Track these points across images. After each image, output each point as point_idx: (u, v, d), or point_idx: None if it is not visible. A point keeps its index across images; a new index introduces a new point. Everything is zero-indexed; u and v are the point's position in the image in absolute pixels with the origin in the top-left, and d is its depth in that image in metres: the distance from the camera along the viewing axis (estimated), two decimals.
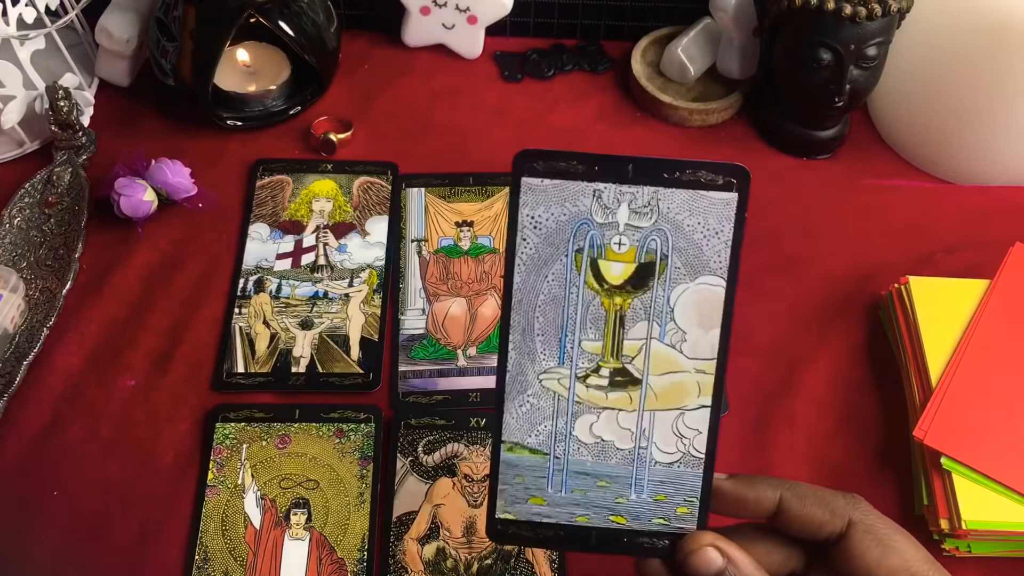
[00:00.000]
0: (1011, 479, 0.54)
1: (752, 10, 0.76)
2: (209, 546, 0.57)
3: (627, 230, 0.45)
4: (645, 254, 0.45)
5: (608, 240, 0.45)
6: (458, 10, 0.81)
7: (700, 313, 0.45)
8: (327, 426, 0.62)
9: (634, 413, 0.45)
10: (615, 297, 0.46)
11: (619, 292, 0.46)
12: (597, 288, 0.45)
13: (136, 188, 0.69)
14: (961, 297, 0.62)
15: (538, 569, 0.56)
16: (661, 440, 0.44)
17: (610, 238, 0.45)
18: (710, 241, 0.46)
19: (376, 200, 0.74)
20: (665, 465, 0.44)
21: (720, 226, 0.46)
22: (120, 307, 0.67)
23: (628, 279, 0.45)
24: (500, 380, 0.44)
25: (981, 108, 0.71)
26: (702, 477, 0.43)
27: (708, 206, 0.45)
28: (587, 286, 0.45)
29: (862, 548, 0.40)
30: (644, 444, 0.44)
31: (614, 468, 0.44)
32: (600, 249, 0.45)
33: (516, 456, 0.44)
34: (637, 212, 0.46)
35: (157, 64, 0.75)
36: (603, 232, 0.45)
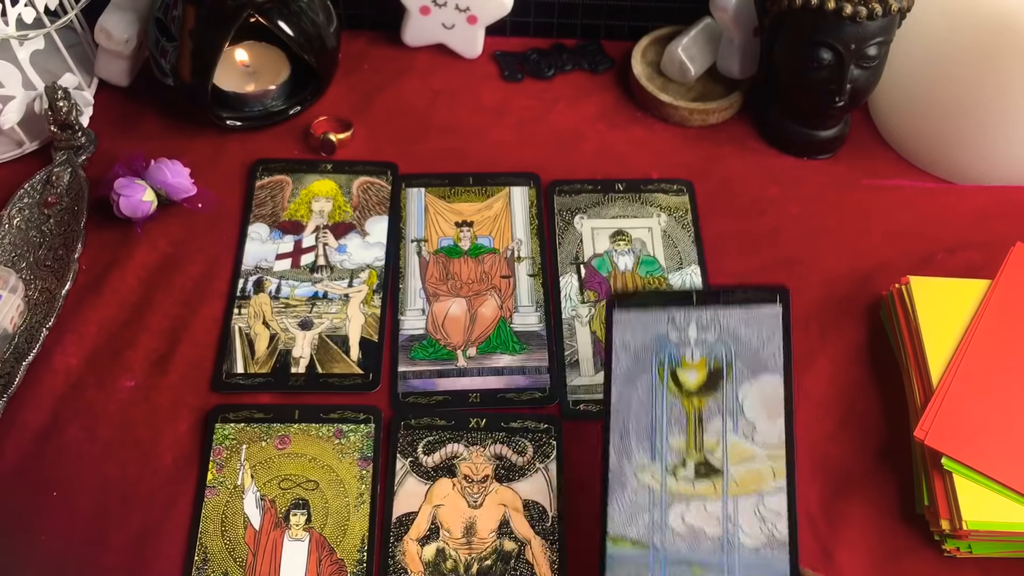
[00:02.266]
0: (1012, 479, 0.54)
1: (752, 10, 0.76)
2: (209, 546, 0.57)
3: (697, 344, 0.55)
4: (714, 362, 0.54)
5: (683, 353, 0.55)
6: (458, 10, 0.81)
7: (765, 406, 0.53)
8: (327, 427, 0.61)
9: (719, 500, 0.51)
10: (693, 399, 0.55)
11: (696, 395, 0.55)
12: (677, 392, 0.55)
13: (135, 188, 0.69)
14: (962, 297, 0.62)
15: (538, 569, 0.56)
16: (746, 524, 0.50)
17: (684, 351, 0.55)
18: (765, 346, 0.54)
19: (376, 200, 0.74)
20: (752, 550, 0.50)
21: (771, 332, 0.53)
22: (119, 308, 0.67)
23: (702, 384, 0.55)
24: (604, 478, 0.52)
25: (981, 108, 0.71)
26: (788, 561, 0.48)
27: (760, 318, 0.53)
28: (669, 392, 0.55)
29: None
30: (731, 529, 0.51)
31: (707, 555, 0.50)
32: (677, 360, 0.55)
33: (621, 549, 0.51)
34: (703, 329, 0.56)
35: (156, 64, 0.75)
36: (678, 347, 0.55)
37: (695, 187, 0.74)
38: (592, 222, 0.70)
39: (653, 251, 0.67)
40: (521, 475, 0.60)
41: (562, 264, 0.67)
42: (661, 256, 0.67)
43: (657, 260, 0.67)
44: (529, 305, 0.68)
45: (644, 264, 0.66)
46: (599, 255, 0.67)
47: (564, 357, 0.63)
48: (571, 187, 0.73)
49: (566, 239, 0.69)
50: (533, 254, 0.71)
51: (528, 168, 0.76)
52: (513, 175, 0.75)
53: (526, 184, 0.75)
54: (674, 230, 0.69)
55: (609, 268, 0.66)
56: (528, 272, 0.69)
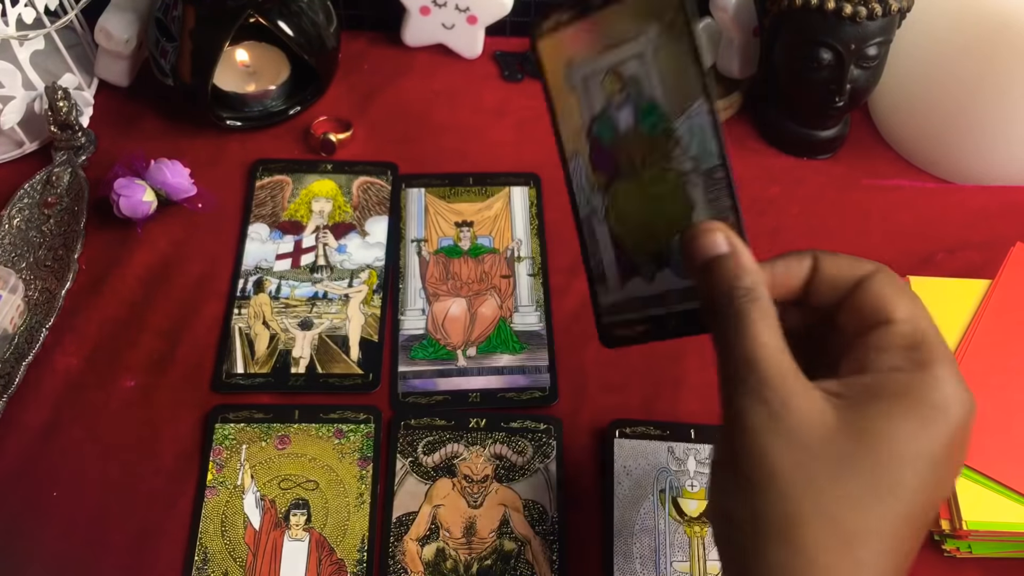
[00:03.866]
0: (1011, 479, 0.54)
1: (752, 10, 0.76)
2: (209, 547, 0.57)
3: (696, 475, 0.59)
4: None
5: (683, 483, 0.58)
6: (458, 10, 0.81)
7: None
8: (327, 427, 0.61)
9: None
10: (695, 526, 0.57)
11: (697, 522, 0.57)
12: (679, 519, 0.57)
13: (135, 188, 0.69)
14: (962, 297, 0.62)
15: (538, 569, 0.56)
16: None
17: (684, 481, 0.58)
18: None
19: (376, 200, 0.74)
20: None
21: None
22: (119, 308, 0.67)
23: (703, 512, 0.57)
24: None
25: (982, 108, 0.71)
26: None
27: None
28: (671, 518, 0.57)
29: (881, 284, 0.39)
30: None
31: None
32: (678, 490, 0.58)
33: None
34: (702, 463, 0.59)
35: (156, 64, 0.75)
36: (679, 477, 0.58)
37: None
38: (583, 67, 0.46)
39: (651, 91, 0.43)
40: (521, 475, 0.60)
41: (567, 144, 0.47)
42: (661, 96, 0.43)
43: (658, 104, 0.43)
44: (529, 305, 0.68)
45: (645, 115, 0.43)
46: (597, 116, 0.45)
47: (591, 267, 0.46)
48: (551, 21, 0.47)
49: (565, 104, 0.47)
50: (533, 254, 0.71)
51: (528, 168, 0.76)
52: (513, 175, 0.75)
53: (526, 184, 0.75)
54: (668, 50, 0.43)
55: (611, 132, 0.45)
56: (528, 272, 0.70)
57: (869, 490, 0.34)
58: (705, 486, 0.58)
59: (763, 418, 0.35)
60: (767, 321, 0.37)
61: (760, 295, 0.37)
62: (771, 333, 0.37)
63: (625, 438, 0.60)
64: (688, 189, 0.42)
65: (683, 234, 0.40)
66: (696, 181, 0.42)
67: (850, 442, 0.34)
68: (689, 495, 0.58)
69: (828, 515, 0.34)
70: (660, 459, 0.59)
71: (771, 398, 0.35)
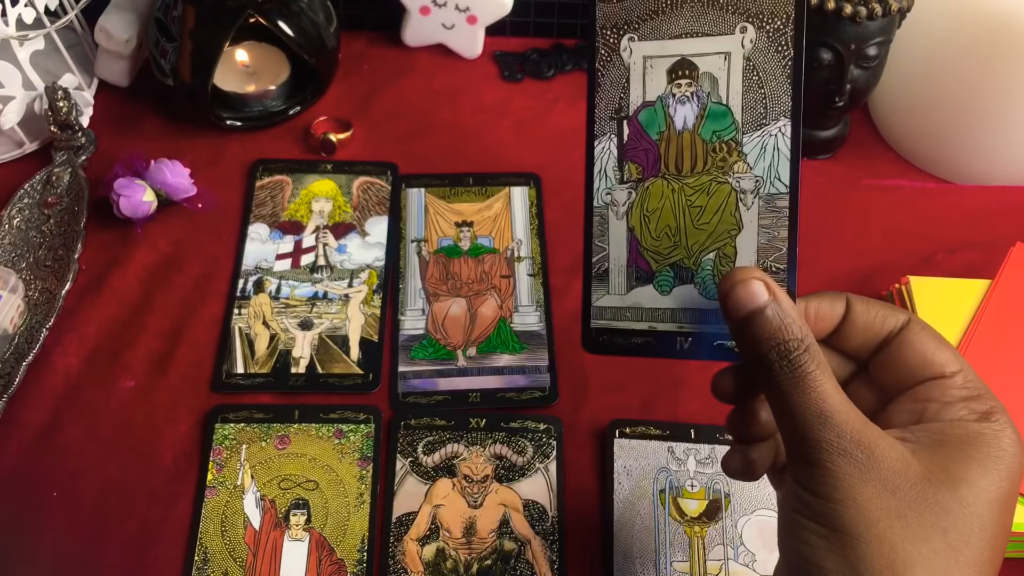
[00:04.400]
0: None
1: None
2: (209, 547, 0.57)
3: (696, 475, 0.58)
4: (712, 493, 0.57)
5: (683, 483, 0.58)
6: (458, 10, 0.81)
7: (763, 538, 0.56)
8: (327, 427, 0.61)
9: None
10: (694, 527, 0.57)
11: (697, 523, 0.57)
12: (679, 519, 0.57)
13: (135, 189, 0.69)
14: (962, 297, 0.62)
15: (538, 569, 0.56)
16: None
17: (684, 481, 0.58)
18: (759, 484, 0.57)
19: (376, 200, 0.74)
20: None
21: None
22: (119, 308, 0.67)
23: (702, 512, 0.57)
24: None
25: (981, 108, 0.71)
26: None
27: None
28: (671, 518, 0.57)
29: (920, 337, 0.40)
30: None
31: None
32: (678, 490, 0.58)
33: None
34: (701, 463, 0.59)
35: (156, 64, 0.75)
36: (678, 477, 0.58)
37: None
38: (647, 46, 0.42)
39: (727, 95, 0.40)
40: (521, 475, 0.60)
41: (600, 121, 0.42)
42: (738, 104, 0.40)
43: (731, 111, 0.40)
44: (529, 305, 0.68)
45: (712, 118, 0.40)
46: (649, 103, 0.41)
47: (591, 263, 0.43)
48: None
49: (608, 77, 0.43)
50: (533, 254, 0.71)
51: (528, 168, 0.76)
52: (513, 175, 0.75)
53: (526, 184, 0.75)
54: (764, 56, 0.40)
55: (662, 125, 0.41)
56: (528, 272, 0.70)
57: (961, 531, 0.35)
58: (704, 486, 0.58)
59: (852, 470, 0.35)
60: (826, 372, 0.36)
61: (811, 345, 0.37)
62: (833, 383, 0.36)
63: (625, 438, 0.60)
64: (739, 208, 0.40)
65: (720, 281, 0.38)
66: (751, 203, 0.39)
67: (937, 486, 0.35)
68: (689, 495, 0.58)
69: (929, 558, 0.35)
70: (660, 459, 0.60)
71: (854, 450, 0.35)
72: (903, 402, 0.39)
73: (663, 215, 0.41)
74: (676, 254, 0.41)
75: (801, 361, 0.36)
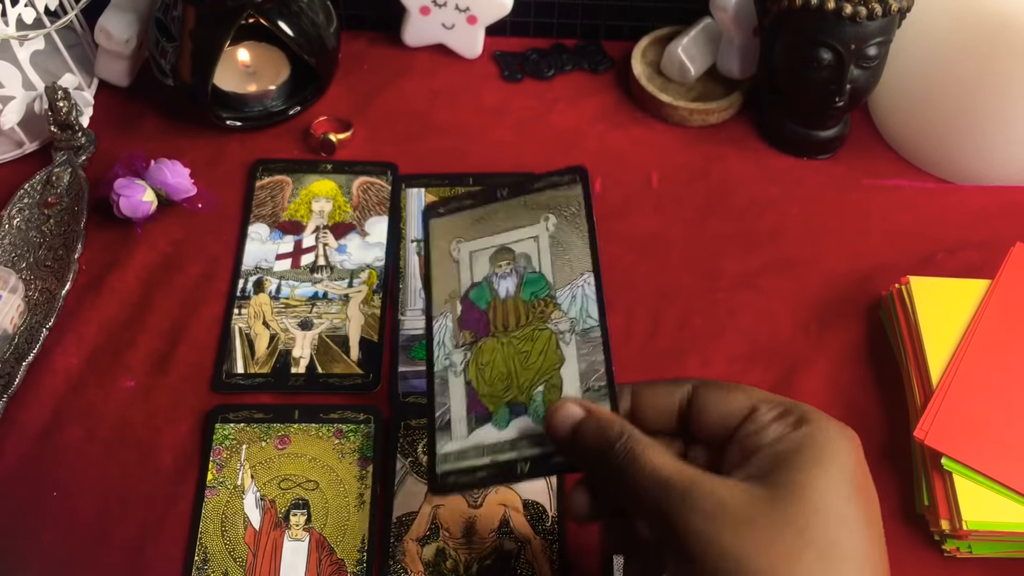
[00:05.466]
0: (1012, 479, 0.54)
1: (752, 10, 0.76)
2: (209, 547, 0.57)
3: None
4: None
5: None
6: (458, 10, 0.81)
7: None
8: (327, 427, 0.61)
9: None
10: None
11: None
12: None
13: (135, 188, 0.69)
14: (962, 297, 0.62)
15: (538, 569, 0.56)
16: None
17: None
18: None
19: (376, 200, 0.74)
20: None
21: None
22: (119, 308, 0.67)
23: None
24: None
25: (981, 108, 0.71)
26: None
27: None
28: None
29: (707, 399, 0.43)
30: None
31: None
32: None
33: None
34: None
35: (156, 64, 0.75)
36: None
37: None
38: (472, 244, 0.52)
39: (539, 265, 0.50)
40: None
41: (436, 304, 0.51)
42: (549, 269, 0.49)
43: (544, 276, 0.49)
44: None
45: (528, 283, 0.50)
46: (477, 284, 0.51)
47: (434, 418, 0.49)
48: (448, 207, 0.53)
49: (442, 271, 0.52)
50: None
51: (528, 168, 0.76)
52: (513, 175, 0.75)
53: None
54: (564, 233, 0.50)
55: (489, 297, 0.50)
56: None
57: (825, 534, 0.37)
58: None
59: (704, 519, 0.37)
60: (652, 448, 0.40)
61: (633, 433, 0.41)
62: (662, 455, 0.40)
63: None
64: (560, 346, 0.47)
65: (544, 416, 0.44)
66: (569, 339, 0.47)
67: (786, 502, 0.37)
68: None
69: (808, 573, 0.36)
70: None
71: (700, 501, 0.37)
72: (731, 448, 0.42)
73: (495, 364, 0.48)
74: (510, 394, 0.47)
75: (627, 446, 0.40)
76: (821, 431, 0.39)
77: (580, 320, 0.47)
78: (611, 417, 0.42)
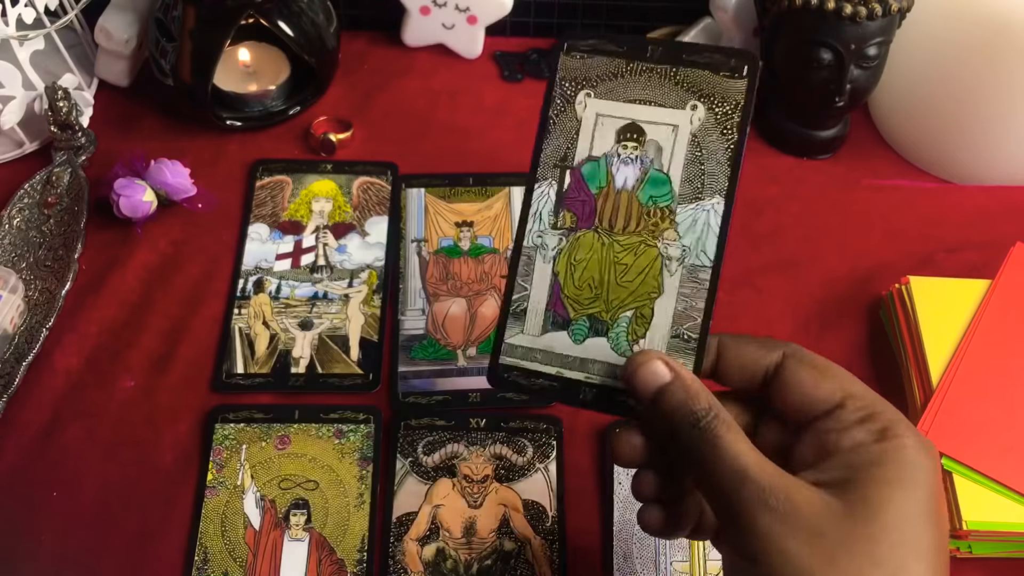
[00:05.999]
0: (1012, 479, 0.54)
1: (752, 10, 0.76)
2: (209, 547, 0.57)
3: None
4: None
5: None
6: (458, 10, 0.81)
7: None
8: (327, 427, 0.61)
9: None
10: None
11: None
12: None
13: (135, 188, 0.69)
14: (962, 297, 0.62)
15: (538, 569, 0.56)
16: None
17: None
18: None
19: (376, 200, 0.74)
20: None
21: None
22: (119, 308, 0.67)
23: None
24: None
25: (982, 108, 0.71)
26: None
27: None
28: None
29: (797, 376, 0.40)
30: None
31: None
32: None
33: None
34: None
35: (156, 64, 0.75)
36: None
37: None
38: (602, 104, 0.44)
39: (669, 165, 0.42)
40: (521, 475, 0.60)
41: (544, 165, 0.44)
42: (678, 175, 0.42)
43: (670, 180, 0.42)
44: None
45: (651, 183, 0.42)
46: (594, 158, 0.43)
47: (510, 300, 0.43)
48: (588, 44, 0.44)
49: (559, 126, 0.44)
50: None
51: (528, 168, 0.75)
52: (513, 175, 0.75)
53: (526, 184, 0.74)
54: (709, 136, 0.42)
55: (603, 181, 0.43)
56: None
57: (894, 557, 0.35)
58: None
59: (776, 524, 0.36)
60: (736, 433, 0.38)
61: (719, 410, 0.38)
62: (744, 442, 0.38)
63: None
64: (663, 273, 0.41)
65: (625, 364, 0.40)
66: (675, 270, 0.41)
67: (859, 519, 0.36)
68: None
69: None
70: None
71: (774, 502, 0.36)
72: (806, 438, 0.40)
73: (589, 266, 0.42)
74: (595, 306, 0.42)
75: (712, 427, 0.38)
76: (905, 448, 0.37)
77: (693, 252, 0.41)
78: (699, 388, 0.39)
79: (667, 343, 0.41)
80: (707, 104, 0.42)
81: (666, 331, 0.41)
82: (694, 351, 0.41)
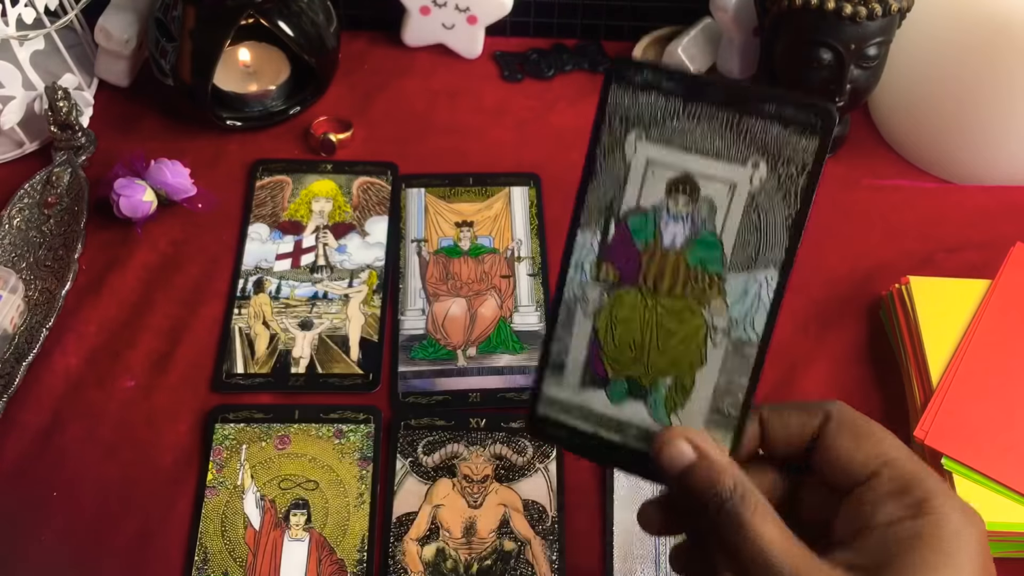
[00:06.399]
0: (1011, 479, 0.54)
1: (752, 10, 0.76)
2: (209, 547, 0.57)
3: None
4: None
5: None
6: (458, 10, 0.81)
7: None
8: (327, 427, 0.61)
9: None
10: None
11: None
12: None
13: (136, 188, 0.69)
14: (962, 297, 0.62)
15: (538, 569, 0.56)
16: None
17: None
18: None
19: (376, 200, 0.74)
20: None
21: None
22: (119, 308, 0.67)
23: None
24: None
25: (981, 108, 0.71)
26: None
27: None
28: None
29: (837, 441, 0.38)
30: None
31: None
32: None
33: None
34: None
35: (156, 64, 0.75)
36: None
37: None
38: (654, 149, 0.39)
39: (722, 227, 0.38)
40: (521, 475, 0.60)
41: (588, 211, 0.40)
42: (731, 240, 0.38)
43: (722, 245, 0.38)
44: (529, 305, 0.68)
45: (702, 246, 0.38)
46: (643, 210, 0.39)
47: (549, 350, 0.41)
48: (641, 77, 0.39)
49: (607, 169, 0.40)
50: (533, 254, 0.71)
51: (528, 168, 0.76)
52: (513, 175, 0.75)
53: (526, 184, 0.75)
54: (769, 200, 0.37)
55: (650, 237, 0.39)
56: (528, 272, 0.70)
57: None
58: None
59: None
60: (764, 514, 0.36)
61: (745, 490, 0.36)
62: (772, 525, 0.35)
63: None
64: (707, 344, 0.38)
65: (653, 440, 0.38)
66: (719, 341, 0.38)
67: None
68: None
69: None
70: None
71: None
72: (845, 508, 0.38)
73: (631, 326, 0.40)
74: (635, 369, 0.40)
75: (737, 510, 0.35)
76: (944, 524, 0.34)
77: (741, 325, 0.38)
78: (725, 467, 0.36)
79: (705, 417, 0.38)
80: (770, 164, 0.37)
81: (706, 404, 0.38)
82: (733, 428, 0.38)
